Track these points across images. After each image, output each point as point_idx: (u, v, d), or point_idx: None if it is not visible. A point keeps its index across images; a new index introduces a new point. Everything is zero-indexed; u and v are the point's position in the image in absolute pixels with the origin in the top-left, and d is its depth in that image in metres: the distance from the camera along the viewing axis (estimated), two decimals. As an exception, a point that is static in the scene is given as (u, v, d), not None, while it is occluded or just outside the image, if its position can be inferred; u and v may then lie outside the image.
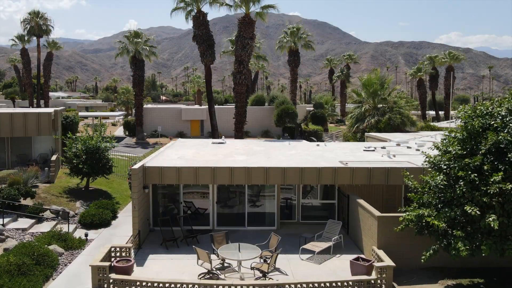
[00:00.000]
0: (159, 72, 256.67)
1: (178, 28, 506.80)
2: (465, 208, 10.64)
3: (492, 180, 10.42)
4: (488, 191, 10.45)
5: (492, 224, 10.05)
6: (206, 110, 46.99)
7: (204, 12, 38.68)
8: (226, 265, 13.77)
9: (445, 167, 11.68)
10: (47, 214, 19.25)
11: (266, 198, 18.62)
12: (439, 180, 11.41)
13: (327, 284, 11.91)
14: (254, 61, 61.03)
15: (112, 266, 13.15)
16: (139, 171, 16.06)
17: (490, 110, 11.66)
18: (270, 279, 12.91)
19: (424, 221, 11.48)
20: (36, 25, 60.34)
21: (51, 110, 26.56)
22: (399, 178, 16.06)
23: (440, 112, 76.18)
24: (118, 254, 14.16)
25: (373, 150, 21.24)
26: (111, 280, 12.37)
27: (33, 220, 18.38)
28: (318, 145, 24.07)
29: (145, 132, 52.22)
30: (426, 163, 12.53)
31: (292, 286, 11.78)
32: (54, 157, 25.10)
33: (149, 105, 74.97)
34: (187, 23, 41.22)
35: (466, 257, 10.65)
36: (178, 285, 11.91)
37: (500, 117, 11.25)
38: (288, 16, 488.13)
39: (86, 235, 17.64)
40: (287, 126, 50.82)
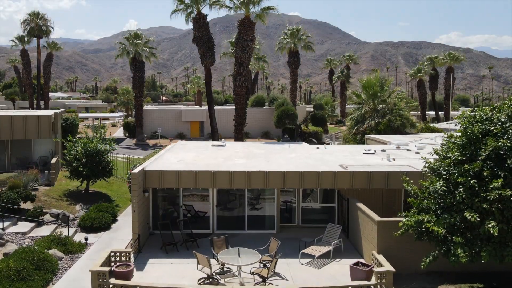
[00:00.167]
0: (159, 72, 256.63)
1: (178, 28, 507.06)
2: (464, 214, 10.64)
3: (491, 186, 10.42)
4: (488, 197, 10.45)
5: (491, 231, 10.05)
6: (206, 111, 47.00)
7: (204, 14, 38.70)
8: (226, 269, 13.77)
9: (444, 172, 11.68)
10: (47, 217, 19.26)
11: (266, 201, 18.63)
12: (439, 186, 11.41)
13: (327, 290, 11.90)
14: (254, 61, 61.04)
15: (112, 271, 13.15)
16: (139, 175, 16.06)
17: (489, 116, 11.65)
18: (270, 284, 12.92)
19: (423, 227, 11.48)
20: (36, 26, 60.39)
21: (51, 113, 26.56)
22: (399, 182, 16.04)
23: (440, 113, 76.18)
24: (118, 259, 14.15)
25: (373, 153, 21.25)
26: (111, 286, 12.36)
27: (33, 224, 18.39)
28: (318, 147, 24.08)
29: (145, 134, 52.24)
30: (426, 169, 12.52)
31: (292, 292, 11.78)
32: (54, 159, 25.11)
33: (149, 106, 74.99)
34: (187, 25, 41.05)
35: (466, 263, 10.65)
36: (178, 290, 11.91)
37: (499, 123, 11.25)
38: (288, 16, 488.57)
39: (86, 239, 17.64)
40: (287, 127, 50.86)
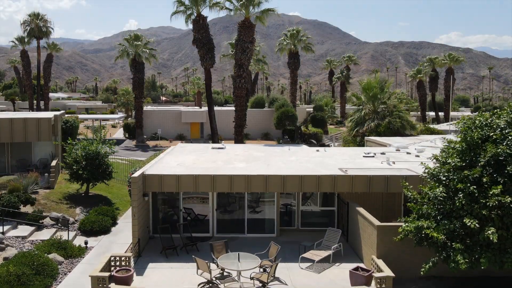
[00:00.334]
0: (159, 73, 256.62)
1: (178, 28, 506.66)
2: (464, 220, 10.66)
3: (491, 193, 10.44)
4: (487, 203, 10.46)
5: (491, 237, 10.06)
6: (206, 112, 46.97)
7: (204, 15, 38.64)
8: (225, 274, 13.77)
9: (444, 178, 11.69)
10: (47, 221, 19.26)
11: (266, 204, 18.65)
12: (438, 192, 11.42)
13: (327, 295, 11.92)
14: (254, 63, 61.07)
15: (112, 276, 13.18)
16: (139, 179, 16.07)
17: (489, 121, 11.66)
18: (270, 289, 12.93)
19: (423, 232, 11.49)
20: (36, 27, 60.44)
21: (51, 116, 26.57)
22: (398, 186, 16.02)
23: (440, 113, 76.20)
24: (118, 263, 14.18)
25: (372, 156, 21.26)
26: (111, 291, 12.39)
27: (33, 228, 18.40)
28: (317, 150, 24.07)
29: (145, 135, 52.25)
30: (426, 174, 12.53)
31: (292, 297, 11.79)
32: (54, 162, 25.10)
33: (149, 106, 75.01)
34: (187, 26, 41.02)
35: (465, 270, 10.66)
36: (178, 296, 11.91)
37: (499, 129, 11.26)
38: (288, 16, 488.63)
39: (86, 242, 17.64)
40: (287, 128, 50.87)
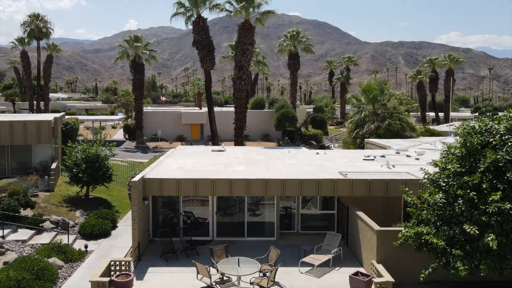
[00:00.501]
0: (159, 73, 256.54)
1: (178, 28, 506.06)
2: (464, 227, 10.66)
3: (490, 199, 10.44)
4: (487, 210, 10.47)
5: (490, 244, 10.07)
6: (206, 113, 46.98)
7: (204, 17, 38.68)
8: (225, 279, 13.79)
9: (444, 184, 11.70)
10: (47, 224, 19.27)
11: (266, 206, 18.66)
12: (438, 198, 11.42)
13: (326, 301, 11.92)
14: (254, 64, 61.06)
15: (112, 280, 13.18)
16: (139, 183, 16.07)
17: (489, 127, 11.67)
18: (270, 294, 12.93)
19: (423, 238, 11.50)
20: (36, 27, 60.43)
21: (51, 118, 26.56)
22: (398, 190, 16.00)
23: (440, 114, 76.24)
24: (118, 268, 14.17)
25: (372, 160, 21.27)
26: (111, 296, 12.39)
27: (33, 231, 18.40)
28: (317, 153, 24.07)
29: (145, 136, 52.25)
30: (425, 180, 12.53)
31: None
32: (54, 165, 25.12)
33: (149, 107, 74.99)
34: (187, 28, 41.03)
35: (465, 276, 10.66)
36: (178, 301, 11.91)
37: (498, 135, 11.26)
38: (288, 16, 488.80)
39: (86, 246, 17.65)
40: (287, 129, 50.88)
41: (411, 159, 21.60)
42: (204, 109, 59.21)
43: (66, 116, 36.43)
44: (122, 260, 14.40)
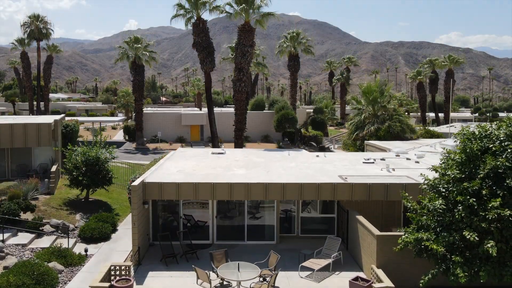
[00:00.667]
0: (159, 73, 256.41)
1: (178, 28, 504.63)
2: (463, 233, 10.67)
3: (490, 205, 10.44)
4: (487, 216, 10.47)
5: (490, 251, 10.07)
6: (206, 115, 46.97)
7: (203, 19, 38.69)
8: (225, 284, 13.80)
9: (443, 190, 11.70)
10: (47, 228, 19.26)
11: (266, 209, 18.66)
12: (438, 204, 11.42)
13: (326, 306, 11.92)
14: (254, 65, 61.07)
15: (112, 286, 13.18)
16: (139, 188, 16.08)
17: (488, 133, 11.67)
18: (270, 299, 12.93)
19: (423, 244, 11.50)
20: (36, 28, 60.46)
21: (51, 120, 26.57)
22: (398, 194, 15.98)
23: (440, 114, 76.27)
24: (118, 273, 14.16)
25: (372, 163, 21.27)
26: (111, 302, 12.39)
27: (33, 235, 18.40)
28: (317, 156, 24.09)
29: (145, 137, 52.24)
30: (425, 186, 12.53)
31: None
32: (54, 167, 25.12)
33: (149, 108, 75.02)
34: (187, 29, 41.02)
35: (465, 283, 10.67)
36: (178, 307, 11.91)
37: (498, 141, 11.26)
38: (288, 16, 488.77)
39: (86, 250, 17.64)
40: (287, 131, 50.88)
41: (411, 162, 21.61)
42: (204, 110, 59.22)
43: (66, 118, 36.44)
44: (122, 264, 14.39)
